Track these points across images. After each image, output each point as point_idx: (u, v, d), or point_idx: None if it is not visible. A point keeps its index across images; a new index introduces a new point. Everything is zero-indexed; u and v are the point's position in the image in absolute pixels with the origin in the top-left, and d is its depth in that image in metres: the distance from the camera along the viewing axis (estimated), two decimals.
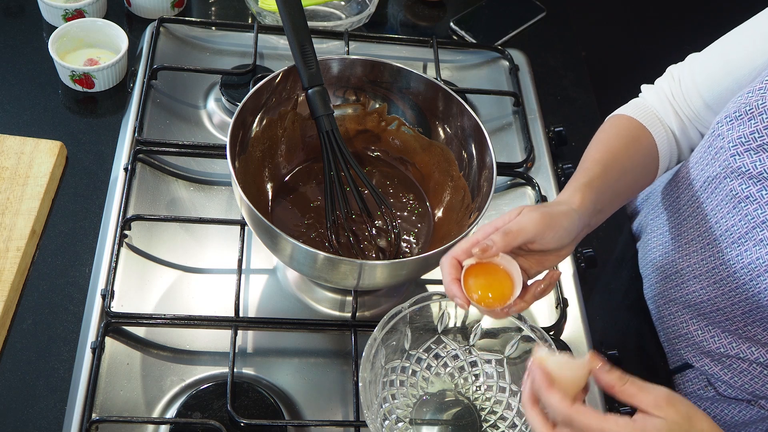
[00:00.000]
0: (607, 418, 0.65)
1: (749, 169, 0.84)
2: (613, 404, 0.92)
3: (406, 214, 0.98)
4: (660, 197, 1.06)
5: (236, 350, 0.88)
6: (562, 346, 0.94)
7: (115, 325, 0.88)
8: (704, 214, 0.93)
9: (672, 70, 0.98)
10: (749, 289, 0.87)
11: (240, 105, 0.88)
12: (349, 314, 0.93)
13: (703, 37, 1.03)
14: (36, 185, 0.97)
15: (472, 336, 0.87)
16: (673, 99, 0.96)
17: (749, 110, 0.83)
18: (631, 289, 1.08)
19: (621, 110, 0.98)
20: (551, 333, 0.93)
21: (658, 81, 0.99)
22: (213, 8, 1.27)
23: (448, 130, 0.97)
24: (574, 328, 0.97)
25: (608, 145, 0.92)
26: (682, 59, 0.99)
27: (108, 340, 0.88)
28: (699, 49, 1.01)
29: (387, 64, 0.97)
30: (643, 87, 1.00)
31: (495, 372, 0.86)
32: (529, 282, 0.78)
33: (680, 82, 0.96)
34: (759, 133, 0.82)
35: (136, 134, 1.03)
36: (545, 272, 0.79)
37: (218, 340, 0.90)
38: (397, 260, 0.88)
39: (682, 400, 0.66)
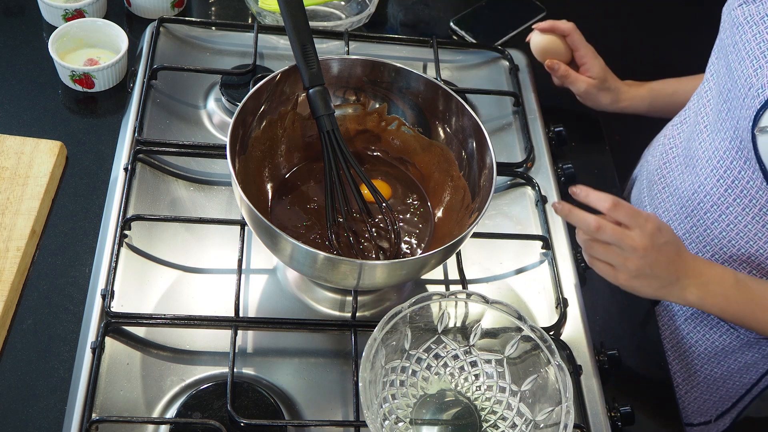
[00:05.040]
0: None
1: None
2: (612, 404, 0.92)
3: (406, 214, 0.98)
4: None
5: (236, 350, 0.88)
6: (562, 346, 0.94)
7: (115, 325, 0.88)
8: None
9: None
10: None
11: (240, 105, 0.88)
12: (349, 314, 0.93)
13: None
14: (36, 185, 0.97)
15: (472, 336, 0.87)
16: None
17: None
18: None
19: None
20: (551, 333, 0.93)
21: None
22: (213, 8, 1.28)
23: (448, 130, 0.97)
24: (574, 328, 0.97)
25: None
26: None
27: (108, 340, 0.88)
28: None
29: (387, 64, 0.97)
30: None
31: (495, 372, 0.86)
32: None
33: None
34: None
35: (136, 134, 1.03)
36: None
37: (218, 340, 0.90)
38: (397, 260, 0.89)
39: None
